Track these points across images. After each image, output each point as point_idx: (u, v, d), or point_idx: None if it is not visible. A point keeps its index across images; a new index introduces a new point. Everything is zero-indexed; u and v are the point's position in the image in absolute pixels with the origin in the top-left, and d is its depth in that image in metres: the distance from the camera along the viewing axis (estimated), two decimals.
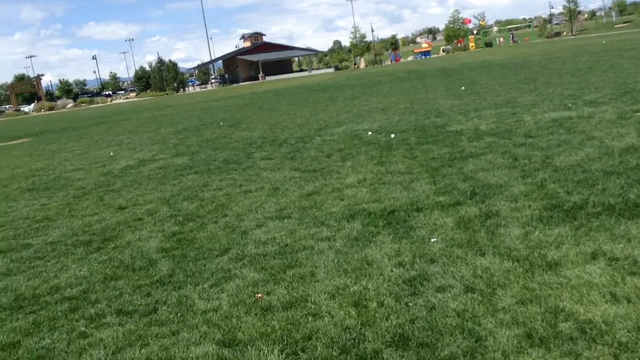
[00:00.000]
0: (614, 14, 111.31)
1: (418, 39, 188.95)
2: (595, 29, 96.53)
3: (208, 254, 5.36)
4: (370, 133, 11.61)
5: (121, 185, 9.76)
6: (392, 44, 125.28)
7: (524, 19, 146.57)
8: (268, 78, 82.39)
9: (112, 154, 14.58)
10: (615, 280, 3.64)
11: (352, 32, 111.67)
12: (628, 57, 23.16)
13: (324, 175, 8.25)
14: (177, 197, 8.09)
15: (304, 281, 4.35)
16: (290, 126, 15.28)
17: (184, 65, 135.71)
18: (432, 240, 4.80)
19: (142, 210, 7.60)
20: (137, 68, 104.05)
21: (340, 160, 9.20)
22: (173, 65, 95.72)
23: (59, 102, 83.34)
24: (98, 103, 79.10)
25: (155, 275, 4.97)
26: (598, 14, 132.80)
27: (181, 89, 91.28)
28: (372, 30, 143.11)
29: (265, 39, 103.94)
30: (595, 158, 6.81)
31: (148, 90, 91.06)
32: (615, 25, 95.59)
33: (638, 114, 9.38)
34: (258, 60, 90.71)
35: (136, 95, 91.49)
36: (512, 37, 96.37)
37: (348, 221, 5.74)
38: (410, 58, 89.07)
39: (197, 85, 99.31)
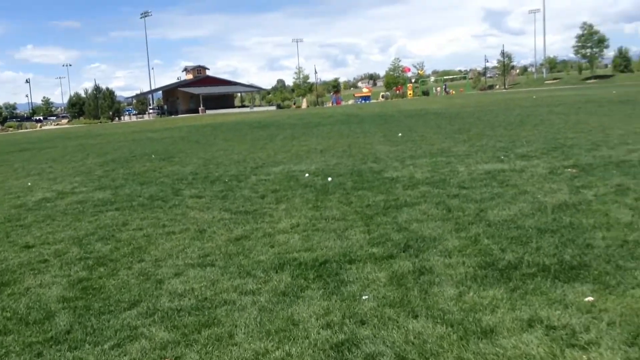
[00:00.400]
0: (544, 70, 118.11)
1: (359, 84, 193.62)
2: (527, 83, 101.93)
3: (115, 306, 4.80)
4: (307, 175, 11.33)
5: (32, 220, 8.96)
6: (334, 86, 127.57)
7: (460, 71, 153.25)
8: (209, 112, 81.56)
9: (29, 184, 13.59)
10: (554, 353, 3.40)
11: (295, 73, 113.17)
12: (557, 112, 24.24)
13: (255, 218, 7.84)
14: (91, 237, 7.44)
15: (220, 344, 3.89)
16: (225, 163, 14.82)
17: (122, 94, 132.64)
18: (364, 297, 4.47)
19: (49, 250, 6.91)
20: (72, 94, 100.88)
21: (274, 203, 8.82)
22: (109, 93, 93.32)
23: None
24: (27, 128, 75.68)
25: (51, 330, 4.37)
26: (529, 69, 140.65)
27: (117, 118, 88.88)
28: (316, 72, 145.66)
29: (208, 72, 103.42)
30: (528, 214, 6.75)
31: (81, 118, 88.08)
32: (546, 81, 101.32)
33: (569, 170, 9.55)
34: (199, 93, 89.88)
35: (68, 121, 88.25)
36: (445, 88, 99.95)
37: (276, 272, 5.34)
38: (350, 102, 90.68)
39: (134, 114, 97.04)
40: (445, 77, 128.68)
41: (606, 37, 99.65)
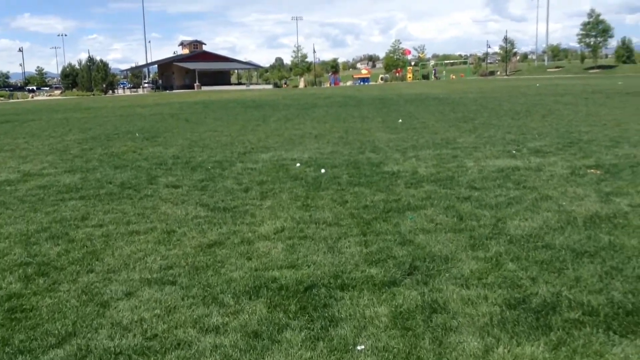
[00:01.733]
0: (546, 58, 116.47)
1: (358, 65, 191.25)
2: (528, 71, 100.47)
3: (40, 341, 3.72)
4: (298, 165, 10.24)
5: None
6: (333, 67, 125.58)
7: (460, 55, 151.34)
8: (204, 88, 79.97)
9: None
10: None
11: (294, 51, 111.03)
12: (564, 102, 23.13)
13: (235, 217, 6.77)
14: (42, 234, 6.34)
15: None
16: (212, 145, 13.70)
17: (118, 66, 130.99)
18: (359, 348, 3.42)
19: None
20: (66, 65, 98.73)
21: (259, 198, 7.74)
22: (103, 65, 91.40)
23: None
24: (18, 98, 73.92)
25: None
26: (530, 57, 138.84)
27: (110, 91, 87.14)
28: (314, 52, 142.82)
29: (206, 48, 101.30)
30: (556, 227, 5.70)
31: (74, 89, 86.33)
32: (548, 70, 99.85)
33: (591, 170, 8.50)
34: (195, 68, 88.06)
35: (61, 93, 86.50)
36: (435, 73, 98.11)
37: (250, 298, 4.27)
38: (349, 83, 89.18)
39: (128, 88, 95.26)
40: (445, 62, 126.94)
41: (611, 26, 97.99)
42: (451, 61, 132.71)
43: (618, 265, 4.56)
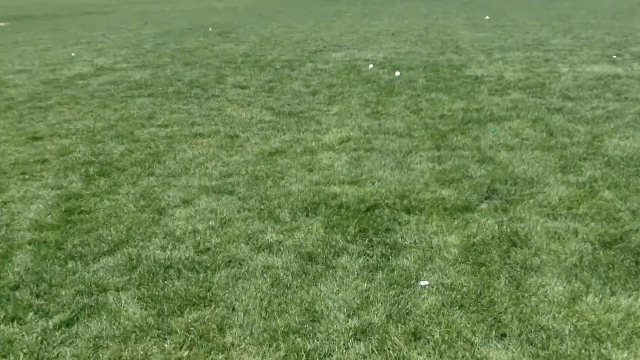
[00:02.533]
0: None
1: None
2: None
3: (92, 247, 3.62)
4: (371, 66, 9.59)
5: (56, 101, 7.88)
6: None
7: None
8: None
9: (73, 54, 12.53)
10: None
11: None
12: None
13: (300, 122, 6.39)
14: (108, 132, 6.25)
15: (206, 342, 2.65)
16: (283, 43, 13.15)
17: None
18: (422, 283, 3.06)
19: (55, 146, 5.80)
20: None
21: (326, 102, 7.30)
22: None
23: None
24: None
25: None
26: None
27: None
28: None
29: None
30: None
31: None
32: None
33: None
34: None
35: None
36: None
37: (308, 215, 3.97)
38: None
39: None
40: None
41: None
42: None
43: None
